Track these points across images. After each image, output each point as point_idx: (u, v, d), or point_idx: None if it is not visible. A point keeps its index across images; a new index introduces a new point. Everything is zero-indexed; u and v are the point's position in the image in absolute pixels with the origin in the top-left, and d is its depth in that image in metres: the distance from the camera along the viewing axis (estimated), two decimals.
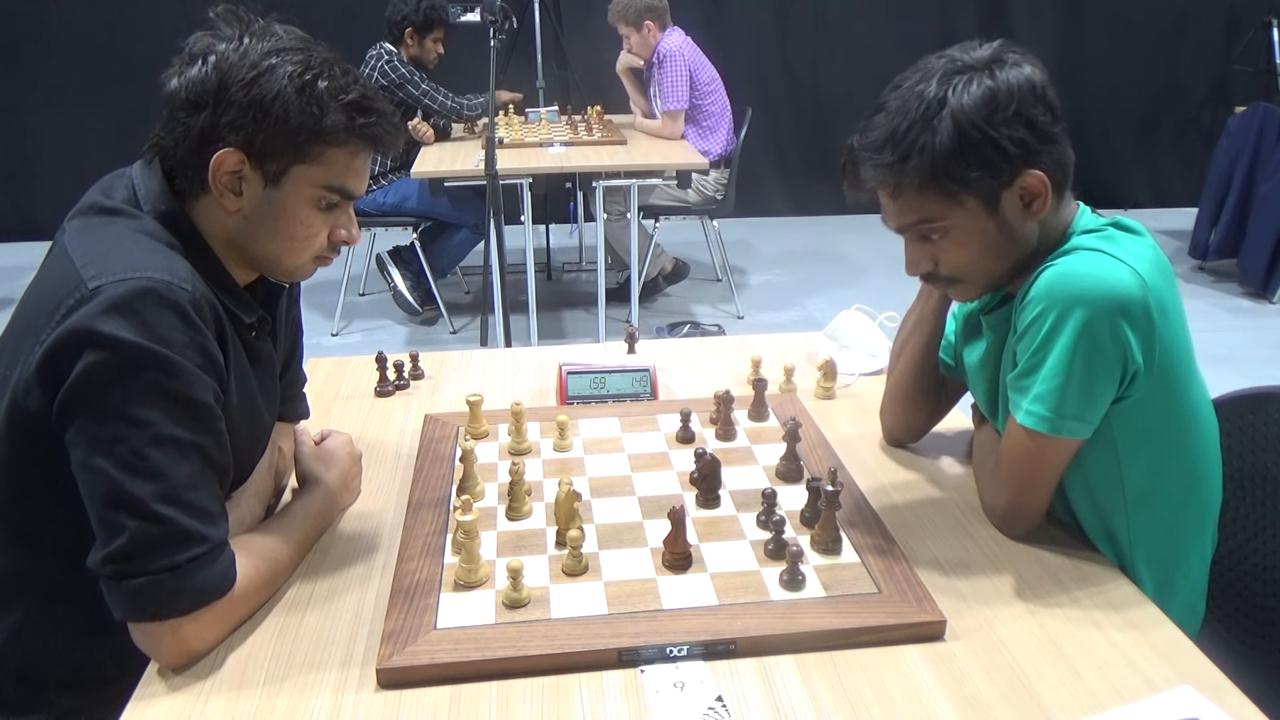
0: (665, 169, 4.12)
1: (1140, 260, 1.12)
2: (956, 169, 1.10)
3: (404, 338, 4.29)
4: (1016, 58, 1.13)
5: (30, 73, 5.34)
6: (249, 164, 1.07)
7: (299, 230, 1.12)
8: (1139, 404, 1.15)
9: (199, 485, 1.02)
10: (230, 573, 1.04)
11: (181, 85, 1.06)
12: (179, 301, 1.00)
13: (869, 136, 1.14)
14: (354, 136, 1.10)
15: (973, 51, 1.13)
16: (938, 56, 1.14)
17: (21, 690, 1.16)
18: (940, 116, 1.09)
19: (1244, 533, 1.40)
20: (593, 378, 1.62)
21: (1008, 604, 1.12)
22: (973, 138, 1.09)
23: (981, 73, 1.10)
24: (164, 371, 0.99)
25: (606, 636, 1.04)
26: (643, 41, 4.32)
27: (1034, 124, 1.11)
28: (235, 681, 1.01)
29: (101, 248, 1.04)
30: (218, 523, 1.04)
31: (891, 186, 1.14)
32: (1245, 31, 5.80)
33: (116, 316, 0.97)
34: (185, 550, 0.99)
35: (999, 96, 1.09)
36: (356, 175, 1.14)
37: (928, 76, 1.12)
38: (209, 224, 1.12)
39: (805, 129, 5.98)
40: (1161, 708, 0.95)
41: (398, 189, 4.25)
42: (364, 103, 1.10)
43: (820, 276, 5.04)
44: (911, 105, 1.11)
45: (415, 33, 4.20)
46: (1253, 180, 4.62)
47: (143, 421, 0.98)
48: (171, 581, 0.99)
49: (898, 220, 1.18)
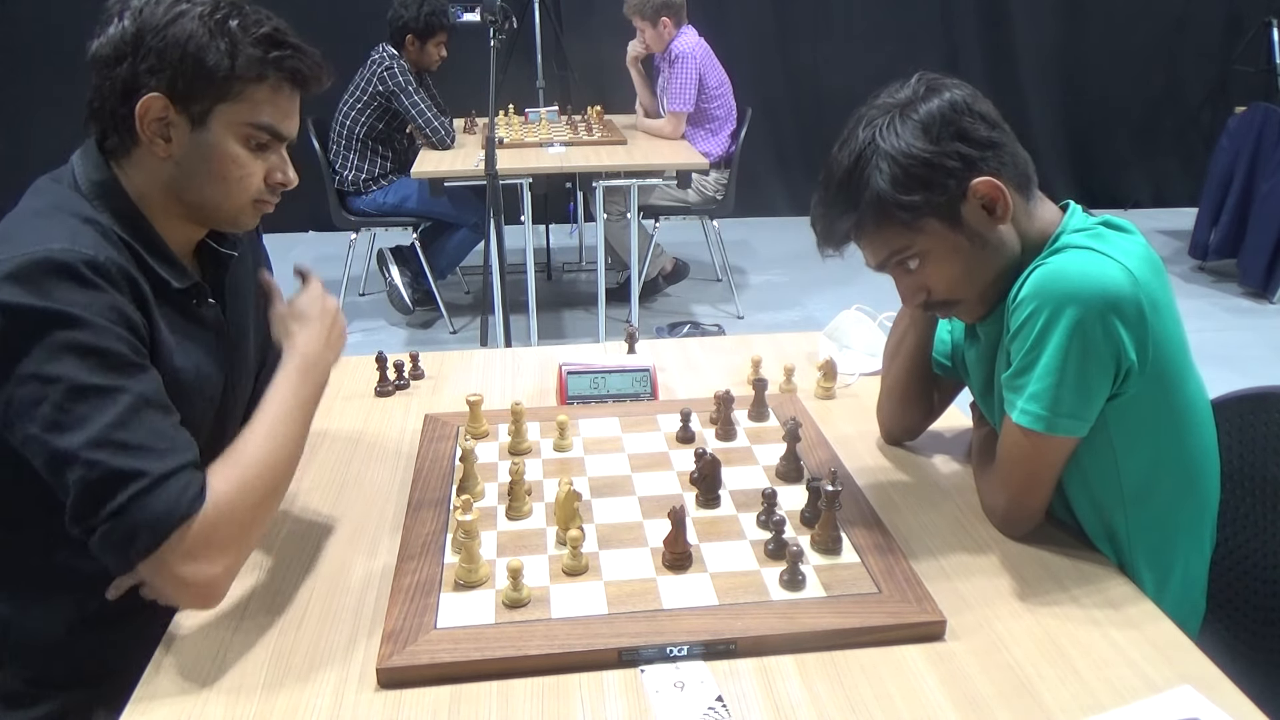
0: (665, 169, 4.12)
1: (1131, 257, 1.12)
2: (903, 197, 1.13)
3: (404, 338, 4.29)
4: (934, 85, 1.16)
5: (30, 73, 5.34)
6: (173, 109, 1.09)
7: (232, 170, 1.13)
8: (1134, 401, 1.15)
9: (130, 424, 0.99)
10: (185, 496, 0.98)
11: (103, 42, 1.09)
12: (72, 263, 1.00)
13: (821, 197, 1.21)
14: (270, 69, 1.11)
15: (895, 94, 1.18)
16: (864, 106, 1.19)
17: (22, 684, 1.16)
18: (875, 158, 1.14)
19: (1244, 533, 1.40)
20: (593, 378, 1.62)
21: (1008, 604, 1.12)
22: (908, 167, 1.13)
23: (904, 108, 1.15)
24: (65, 326, 0.99)
25: (606, 636, 1.04)
26: (657, 37, 4.32)
27: (967, 135, 1.14)
28: (235, 681, 1.01)
29: (11, 227, 1.06)
30: (164, 456, 0.99)
31: (854, 233, 1.19)
32: (1245, 31, 5.80)
33: (11, 285, 0.98)
34: (125, 489, 0.96)
35: (926, 125, 1.13)
36: (284, 114, 1.15)
37: (856, 126, 1.17)
38: (145, 179, 1.13)
39: (805, 129, 5.97)
40: (1161, 708, 0.95)
41: (398, 189, 4.25)
42: (277, 36, 1.12)
43: (820, 276, 5.03)
44: (846, 157, 1.16)
45: (416, 38, 4.20)
46: (1253, 180, 4.62)
47: (54, 377, 0.98)
48: (123, 522, 0.96)
49: (874, 260, 1.22)
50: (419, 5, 4.15)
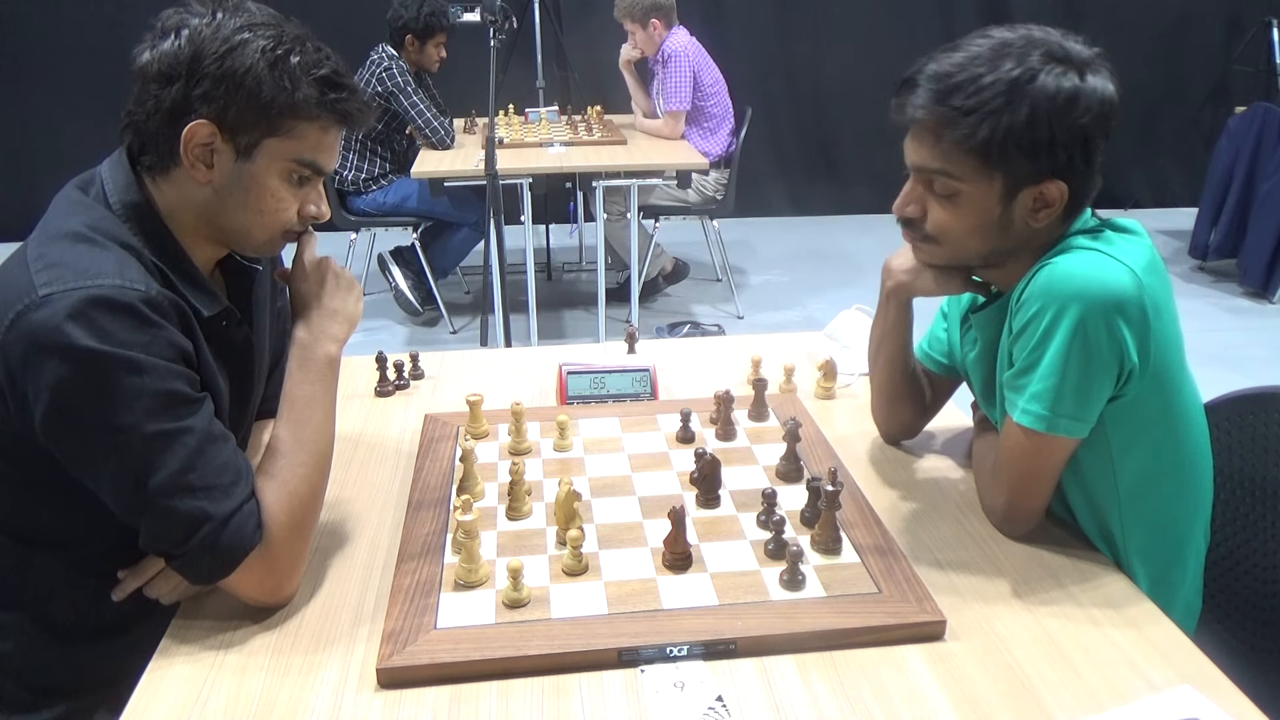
0: (665, 169, 4.12)
1: (1136, 259, 1.12)
2: (1009, 147, 1.09)
3: (404, 338, 4.29)
4: (1108, 71, 1.13)
5: (30, 73, 5.34)
6: (220, 136, 1.08)
7: (269, 203, 1.13)
8: (1133, 402, 1.15)
9: (197, 466, 1.02)
10: (247, 529, 1.05)
11: (154, 58, 1.07)
12: (130, 303, 1.00)
13: (944, 70, 1.11)
14: (325, 111, 1.11)
15: (1073, 42, 1.13)
16: (1039, 30, 1.13)
17: (23, 691, 1.16)
18: (1024, 93, 1.08)
19: (1243, 533, 1.40)
20: (593, 378, 1.62)
21: (1008, 604, 1.12)
22: (1040, 126, 1.08)
23: (1076, 70, 1.10)
24: (130, 372, 0.99)
25: (606, 636, 1.04)
26: (648, 39, 4.32)
27: (1089, 143, 1.12)
28: (235, 681, 1.01)
29: (53, 252, 1.04)
30: (228, 493, 1.04)
31: (937, 128, 1.12)
32: (1245, 31, 5.81)
33: (72, 325, 0.97)
34: (196, 533, 1.02)
35: (1080, 100, 1.09)
36: (327, 151, 1.15)
37: (1030, 47, 1.10)
38: (179, 200, 1.12)
39: (805, 129, 5.98)
40: (1161, 708, 0.95)
41: (398, 189, 4.25)
42: (335, 78, 1.11)
43: (820, 276, 5.04)
44: (1002, 66, 1.09)
45: (416, 39, 4.20)
46: (1253, 180, 4.62)
47: (123, 427, 0.99)
48: (197, 560, 1.04)
49: (920, 158, 1.16)
50: (419, 6, 4.15)
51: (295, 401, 1.17)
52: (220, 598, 1.10)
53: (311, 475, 1.14)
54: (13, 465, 1.08)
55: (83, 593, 1.14)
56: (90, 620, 1.16)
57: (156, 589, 1.11)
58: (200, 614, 1.11)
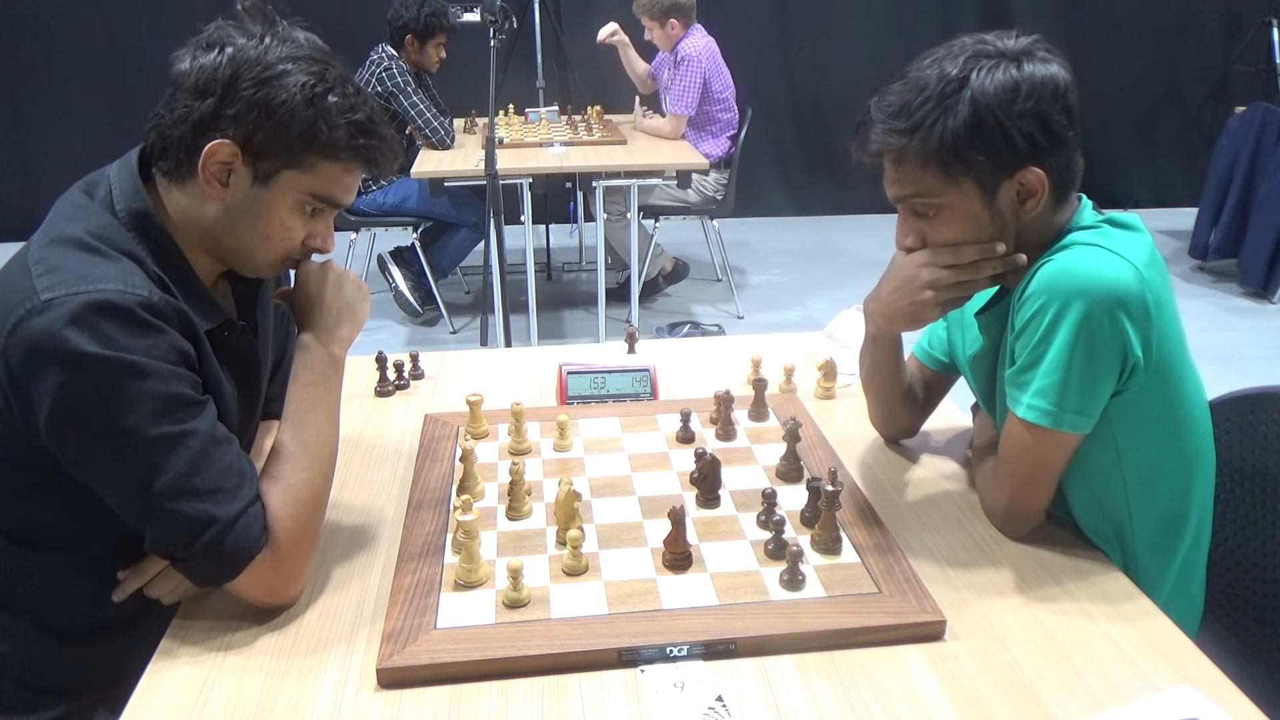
0: (665, 169, 4.12)
1: (1137, 255, 1.13)
2: (962, 150, 1.10)
3: (404, 338, 4.29)
4: (1046, 54, 1.14)
5: (30, 73, 5.34)
6: (241, 159, 1.07)
7: (276, 231, 1.13)
8: (1137, 397, 1.15)
9: (202, 468, 1.03)
10: (252, 533, 1.05)
11: (193, 69, 1.06)
12: (130, 307, 1.00)
13: (886, 100, 1.15)
14: (351, 155, 1.11)
15: (1005, 40, 1.14)
16: (970, 38, 1.15)
17: (23, 691, 1.17)
18: (959, 96, 1.10)
19: (1244, 533, 1.40)
20: (593, 378, 1.62)
21: (1008, 604, 1.12)
22: (986, 122, 1.09)
23: (1010, 61, 1.11)
24: (133, 376, 0.99)
25: (606, 636, 1.04)
26: (665, 36, 4.33)
27: (1048, 123, 1.11)
28: (235, 681, 1.01)
29: (55, 256, 1.03)
30: (233, 495, 1.04)
31: (896, 154, 1.15)
32: (1245, 31, 5.80)
33: (73, 330, 0.97)
34: (202, 535, 1.02)
35: (1021, 87, 1.10)
36: (346, 188, 1.15)
37: (955, 55, 1.13)
38: (189, 211, 1.11)
39: (805, 129, 5.97)
40: (1161, 708, 0.95)
41: (398, 189, 4.24)
42: (368, 125, 1.11)
43: (820, 276, 5.04)
44: (932, 79, 1.12)
45: (416, 39, 4.20)
46: (1253, 180, 4.62)
47: (127, 430, 0.99)
48: (203, 562, 1.04)
49: (896, 189, 1.19)
50: (419, 6, 4.15)
51: (299, 404, 1.17)
52: (220, 598, 1.11)
53: (316, 478, 1.14)
54: (15, 468, 1.08)
55: (83, 594, 1.14)
56: (90, 621, 1.16)
57: (157, 589, 1.11)
58: (200, 614, 1.11)
